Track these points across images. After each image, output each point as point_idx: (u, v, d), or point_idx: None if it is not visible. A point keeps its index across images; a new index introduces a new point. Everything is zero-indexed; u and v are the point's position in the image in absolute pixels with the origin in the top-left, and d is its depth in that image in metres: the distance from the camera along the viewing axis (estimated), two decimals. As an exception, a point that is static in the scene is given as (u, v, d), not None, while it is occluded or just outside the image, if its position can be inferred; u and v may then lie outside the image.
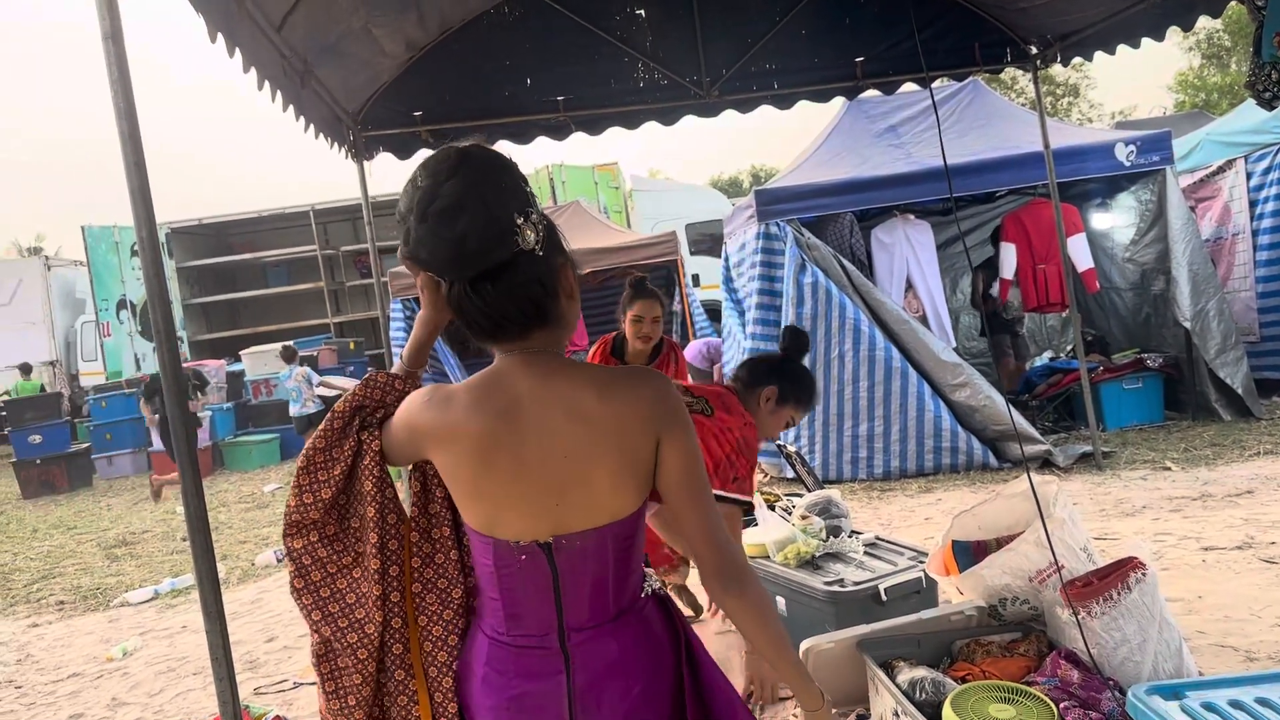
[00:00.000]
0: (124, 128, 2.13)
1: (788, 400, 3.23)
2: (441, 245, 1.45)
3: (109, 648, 5.96)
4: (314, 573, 1.75)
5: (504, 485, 1.56)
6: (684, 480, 1.58)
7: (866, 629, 3.18)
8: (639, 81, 6.02)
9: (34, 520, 11.42)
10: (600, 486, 1.55)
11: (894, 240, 8.33)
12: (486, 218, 1.44)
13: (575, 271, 1.62)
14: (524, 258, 1.48)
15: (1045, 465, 7.18)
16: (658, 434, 1.56)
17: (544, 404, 1.55)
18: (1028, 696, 2.56)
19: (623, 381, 1.58)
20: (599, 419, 1.53)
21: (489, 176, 1.48)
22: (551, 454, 1.54)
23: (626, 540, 1.61)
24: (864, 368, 7.48)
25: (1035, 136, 7.36)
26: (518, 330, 1.54)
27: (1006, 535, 3.24)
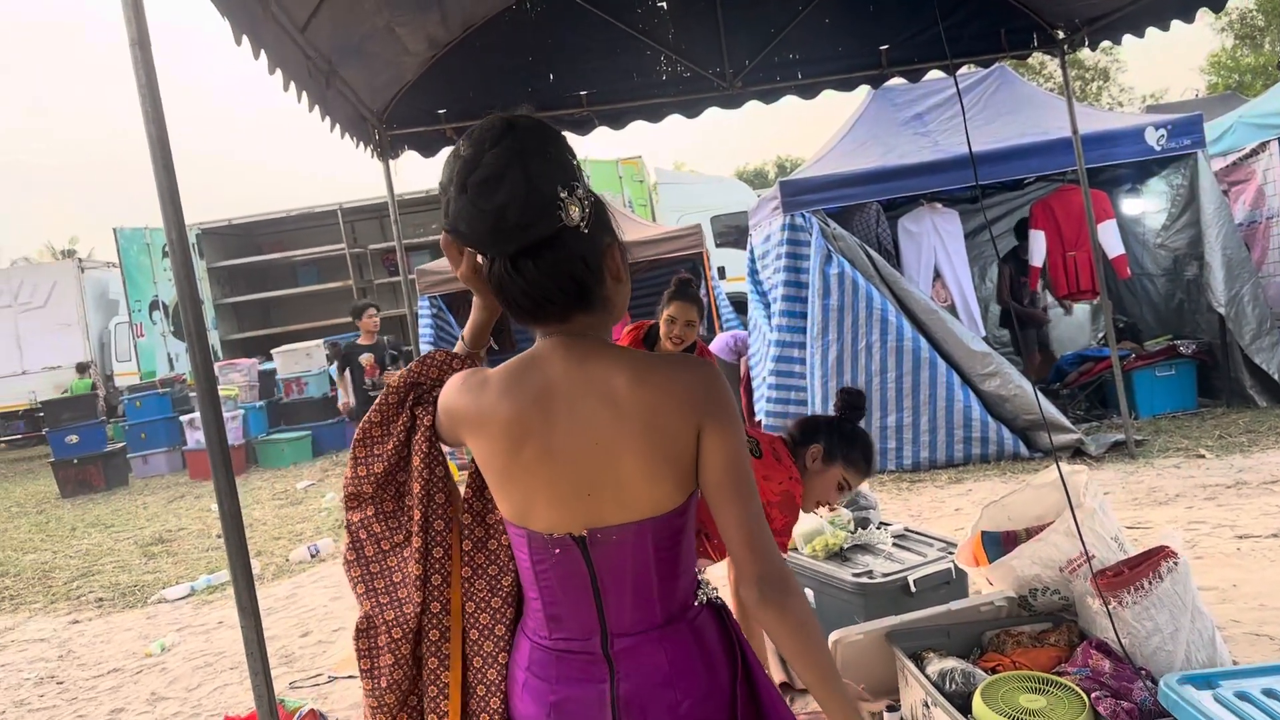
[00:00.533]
0: (153, 132, 2.16)
1: (834, 458, 3.02)
2: (480, 217, 1.39)
3: (147, 643, 6.04)
4: (368, 547, 1.74)
5: (534, 473, 1.50)
6: (725, 476, 1.46)
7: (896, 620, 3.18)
8: (661, 74, 6.02)
9: (72, 519, 11.59)
10: (633, 477, 1.46)
11: (921, 229, 8.28)
12: (528, 189, 1.38)
13: (625, 254, 1.55)
14: (568, 234, 1.41)
15: (1077, 454, 7.13)
16: (698, 423, 1.46)
17: (577, 389, 1.48)
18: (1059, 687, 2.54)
19: (662, 367, 1.48)
20: (631, 405, 1.44)
21: (534, 147, 1.40)
22: (582, 441, 1.46)
23: (670, 538, 1.51)
24: (892, 358, 7.44)
25: (1064, 122, 7.29)
26: (559, 311, 1.48)
27: (1036, 525, 3.23)
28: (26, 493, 14.78)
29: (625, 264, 1.55)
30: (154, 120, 2.17)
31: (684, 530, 1.53)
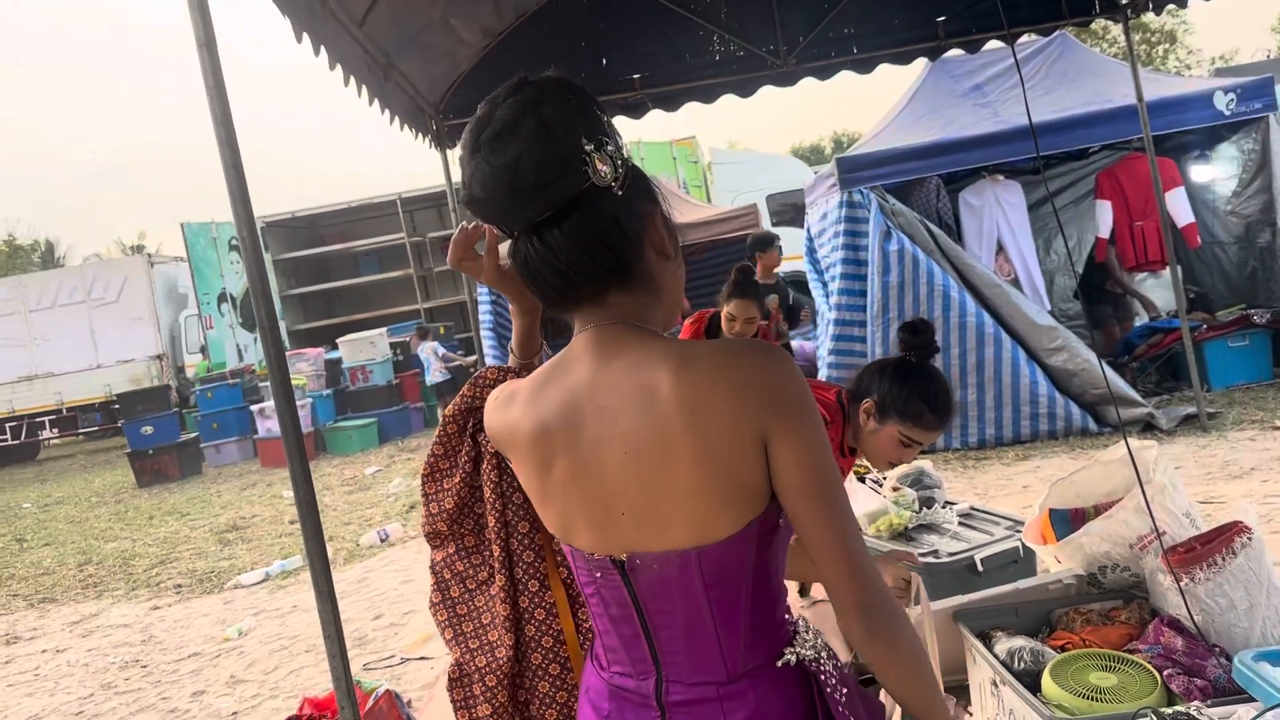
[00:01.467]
0: (221, 133, 2.22)
1: (888, 414, 2.64)
2: (494, 176, 1.20)
3: (225, 628, 6.22)
4: (453, 587, 1.61)
5: (567, 492, 1.30)
6: (807, 487, 1.18)
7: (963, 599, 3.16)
8: (715, 55, 6.00)
9: (149, 508, 11.93)
10: (673, 494, 1.21)
11: (983, 202, 8.16)
12: (545, 138, 1.18)
13: (672, 228, 1.34)
14: (597, 194, 1.21)
15: (1147, 429, 7.00)
16: (762, 426, 1.18)
17: (607, 387, 1.25)
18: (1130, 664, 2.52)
19: (710, 355, 1.21)
20: (671, 403, 1.18)
21: (552, 95, 1.22)
22: (611, 452, 1.23)
23: (728, 576, 1.24)
24: (955, 334, 7.36)
25: (1128, 89, 7.13)
26: (592, 287, 1.26)
27: (1105, 502, 3.18)
28: (105, 483, 15.24)
29: (673, 238, 1.34)
30: (222, 122, 2.23)
31: (749, 566, 1.24)
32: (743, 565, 1.24)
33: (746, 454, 1.19)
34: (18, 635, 7.02)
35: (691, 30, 5.89)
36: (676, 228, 1.36)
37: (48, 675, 5.97)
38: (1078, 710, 2.40)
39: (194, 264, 18.69)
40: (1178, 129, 7.88)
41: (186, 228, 18.74)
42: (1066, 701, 2.44)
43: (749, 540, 1.23)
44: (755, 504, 1.21)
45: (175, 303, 19.92)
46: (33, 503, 14.11)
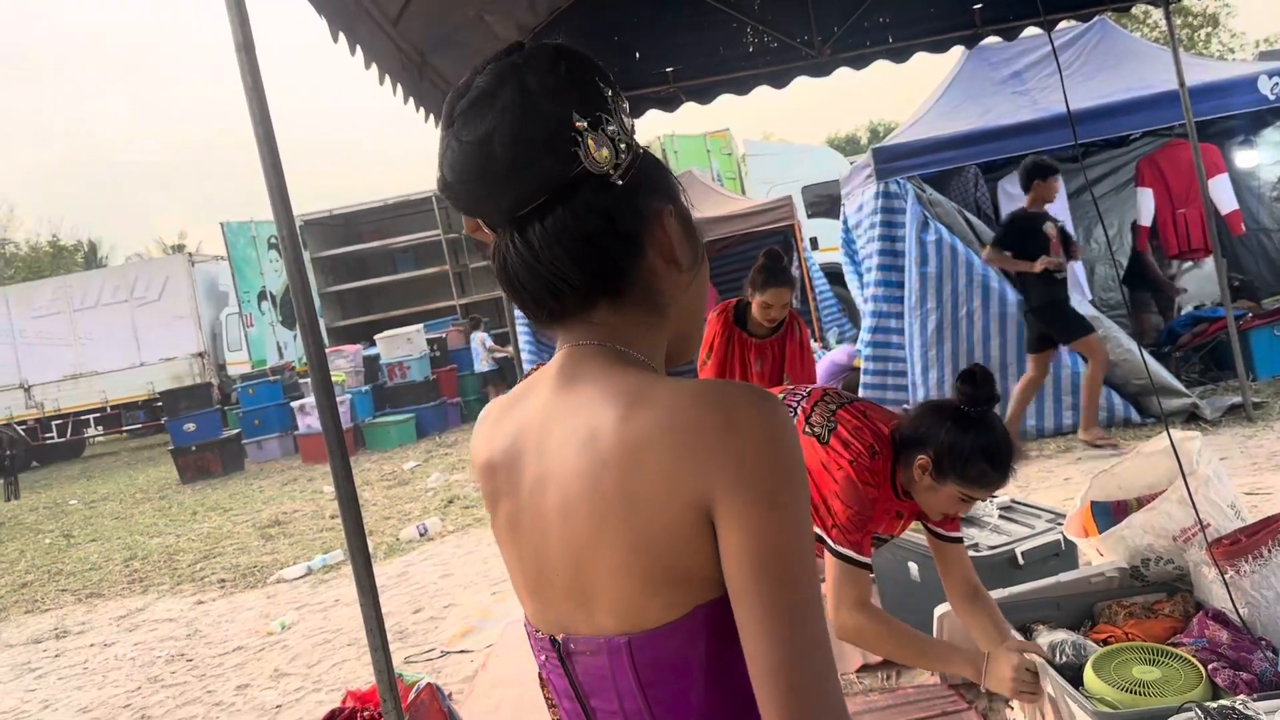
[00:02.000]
0: (260, 133, 2.25)
1: (947, 475, 2.42)
2: (464, 156, 0.99)
3: (268, 622, 6.30)
4: None
5: (507, 543, 1.10)
6: (748, 579, 0.89)
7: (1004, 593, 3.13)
8: (748, 46, 5.98)
9: (193, 504, 12.10)
10: (599, 567, 0.97)
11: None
12: (524, 109, 0.97)
13: (691, 232, 1.10)
14: (591, 184, 0.98)
15: (1192, 419, 6.89)
16: (704, 495, 0.90)
17: (556, 423, 1.03)
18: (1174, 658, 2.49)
19: (666, 398, 0.95)
20: (608, 454, 0.95)
21: (540, 60, 1.00)
22: (548, 502, 1.02)
23: (669, 671, 0.97)
24: (994, 325, 7.29)
25: (1170, 74, 7.02)
26: (577, 299, 1.02)
27: (1148, 494, 3.15)
28: (149, 479, 15.48)
29: (692, 245, 1.09)
30: (261, 121, 2.26)
31: (697, 662, 0.97)
32: (688, 661, 0.96)
33: (685, 530, 0.92)
34: (67, 629, 7.16)
35: (725, 23, 5.88)
36: (701, 231, 1.13)
37: (96, 669, 6.08)
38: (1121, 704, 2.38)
39: (234, 263, 18.92)
40: (1221, 114, 7.75)
41: (226, 227, 18.98)
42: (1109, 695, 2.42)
43: (693, 632, 0.95)
44: (700, 590, 0.94)
45: (216, 301, 20.17)
46: (79, 499, 14.36)
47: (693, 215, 1.12)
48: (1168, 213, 8.08)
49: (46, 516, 13.17)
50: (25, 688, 5.97)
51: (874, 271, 7.90)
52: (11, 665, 6.51)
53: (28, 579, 9.22)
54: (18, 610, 8.07)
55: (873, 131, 58.30)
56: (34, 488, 16.96)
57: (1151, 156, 8.23)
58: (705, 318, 1.18)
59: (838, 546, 2.49)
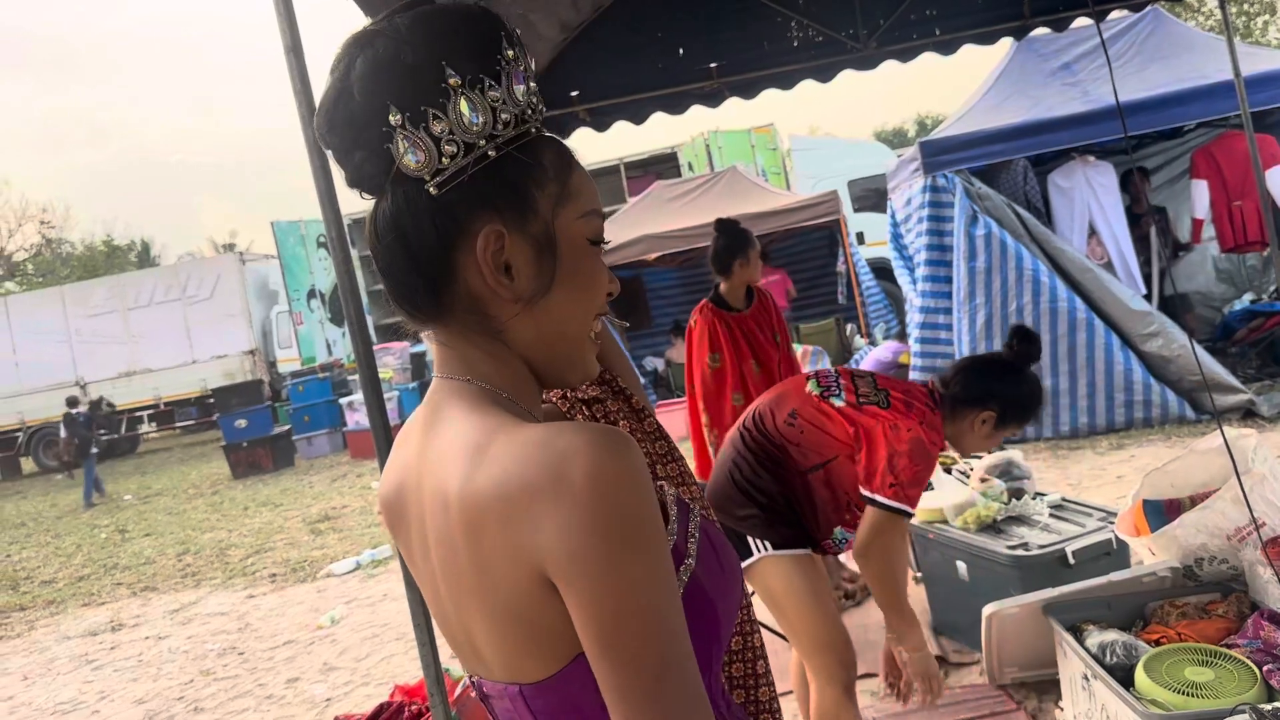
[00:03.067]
0: (309, 135, 2.27)
1: (1008, 423, 2.77)
2: (316, 120, 0.96)
3: (318, 616, 6.38)
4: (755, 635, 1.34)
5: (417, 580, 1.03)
6: (596, 654, 0.83)
7: (1053, 592, 3.10)
8: (793, 41, 5.93)
9: (244, 499, 12.29)
10: (475, 627, 0.93)
11: (1073, 184, 7.95)
12: (340, 91, 0.91)
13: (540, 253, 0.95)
14: (402, 186, 0.91)
15: (1248, 416, 6.76)
16: (539, 565, 0.83)
17: (421, 476, 0.96)
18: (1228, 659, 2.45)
19: (499, 458, 0.86)
20: (456, 523, 0.88)
21: (385, 40, 0.90)
22: (427, 558, 0.96)
23: (571, 716, 0.92)
24: (1045, 320, 7.19)
25: (1225, 64, 6.85)
26: (399, 308, 0.97)
27: (1201, 493, 3.09)
28: (201, 475, 15.75)
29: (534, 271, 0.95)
30: (309, 123, 2.28)
31: (592, 704, 0.88)
32: (583, 707, 0.90)
33: (536, 597, 0.85)
34: (122, 623, 7.31)
35: (769, 17, 5.83)
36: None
37: (150, 661, 6.20)
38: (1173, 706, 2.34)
39: (284, 261, 19.20)
40: (1278, 104, 7.57)
41: (276, 226, 19.26)
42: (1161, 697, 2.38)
43: (578, 679, 0.88)
44: (575, 642, 0.86)
45: (266, 299, 20.47)
46: (133, 495, 14.65)
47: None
48: (1223, 205, 7.91)
49: (102, 512, 13.45)
50: (83, 679, 6.11)
51: (922, 266, 7.83)
52: (70, 657, 6.66)
53: (84, 572, 9.42)
54: (75, 603, 8.25)
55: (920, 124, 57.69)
56: (91, 483, 17.32)
57: (1206, 148, 8.06)
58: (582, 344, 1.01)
59: (893, 502, 2.60)
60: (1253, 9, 30.25)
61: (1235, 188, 7.80)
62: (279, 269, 19.44)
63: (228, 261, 20.93)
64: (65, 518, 13.49)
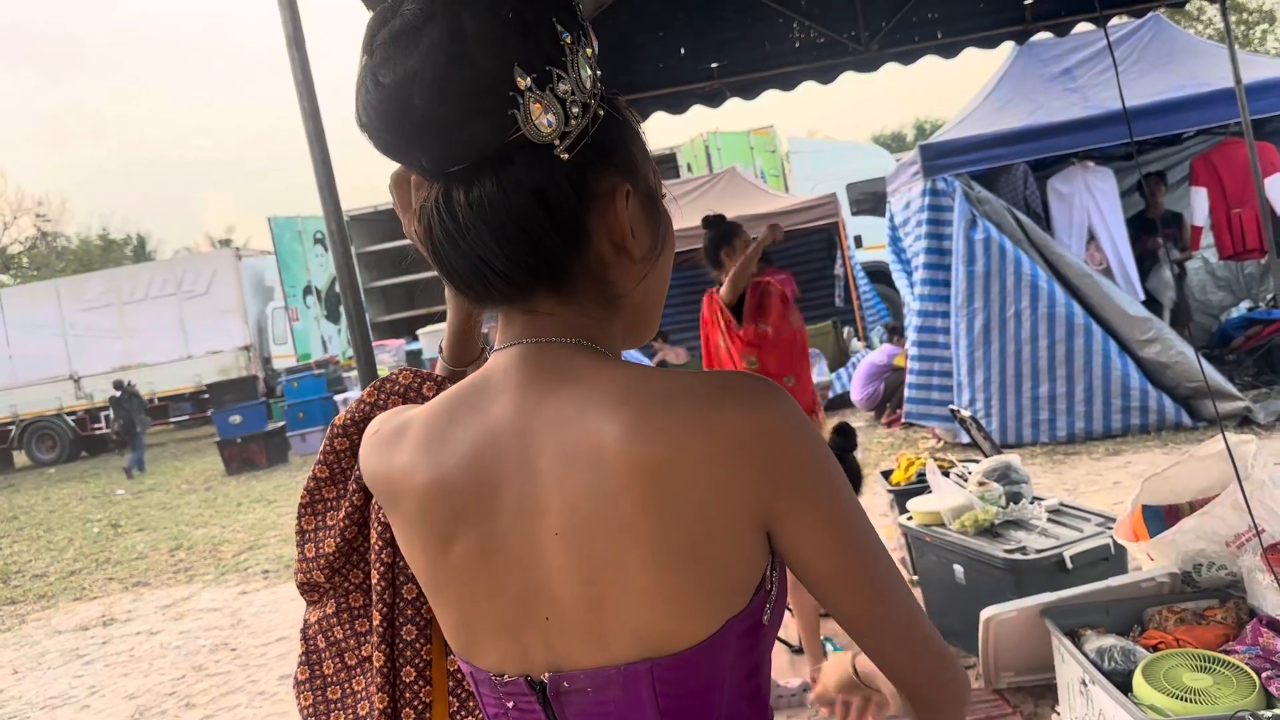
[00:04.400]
0: (310, 128, 2.26)
1: None
2: (380, 100, 0.84)
3: (311, 613, 6.36)
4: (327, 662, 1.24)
5: (470, 582, 0.93)
6: (842, 568, 0.88)
7: (1051, 597, 3.09)
8: (794, 42, 5.93)
9: (238, 495, 12.26)
10: (620, 593, 0.86)
11: (1072, 189, 7.95)
12: (455, 58, 0.81)
13: (652, 212, 0.96)
14: (527, 154, 0.84)
15: (1245, 423, 6.76)
16: (764, 506, 0.85)
17: (533, 436, 0.89)
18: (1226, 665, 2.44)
19: (683, 400, 0.85)
20: (623, 467, 0.84)
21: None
22: (538, 527, 0.88)
23: (695, 694, 0.88)
24: (1043, 325, 7.19)
25: (1225, 71, 6.87)
26: (504, 285, 0.89)
27: (1200, 498, 3.09)
28: (194, 470, 15.71)
29: (652, 231, 0.96)
30: (310, 116, 2.27)
31: (722, 682, 0.89)
32: (715, 681, 0.89)
33: (734, 542, 0.85)
34: (114, 617, 7.28)
35: (771, 18, 5.83)
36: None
37: (142, 656, 6.17)
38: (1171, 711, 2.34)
39: (280, 257, 19.16)
40: (1278, 112, 7.58)
41: (273, 222, 19.22)
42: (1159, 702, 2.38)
43: (724, 647, 0.88)
44: (736, 601, 0.87)
45: (262, 295, 20.43)
46: (126, 489, 14.61)
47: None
48: (1222, 212, 7.92)
49: (95, 506, 13.42)
50: (74, 674, 6.08)
51: (920, 270, 7.83)
52: (61, 651, 6.63)
53: (76, 567, 9.39)
54: (66, 598, 8.22)
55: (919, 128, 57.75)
56: (82, 477, 17.27)
57: (1206, 155, 8.08)
58: (660, 307, 1.03)
59: None
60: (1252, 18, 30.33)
61: (1234, 195, 7.81)
62: (275, 265, 19.40)
63: (224, 257, 20.89)
64: (57, 512, 13.45)
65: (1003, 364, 7.31)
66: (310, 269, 20.00)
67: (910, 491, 4.67)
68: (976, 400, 7.42)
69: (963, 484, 4.30)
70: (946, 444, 7.73)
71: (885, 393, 9.21)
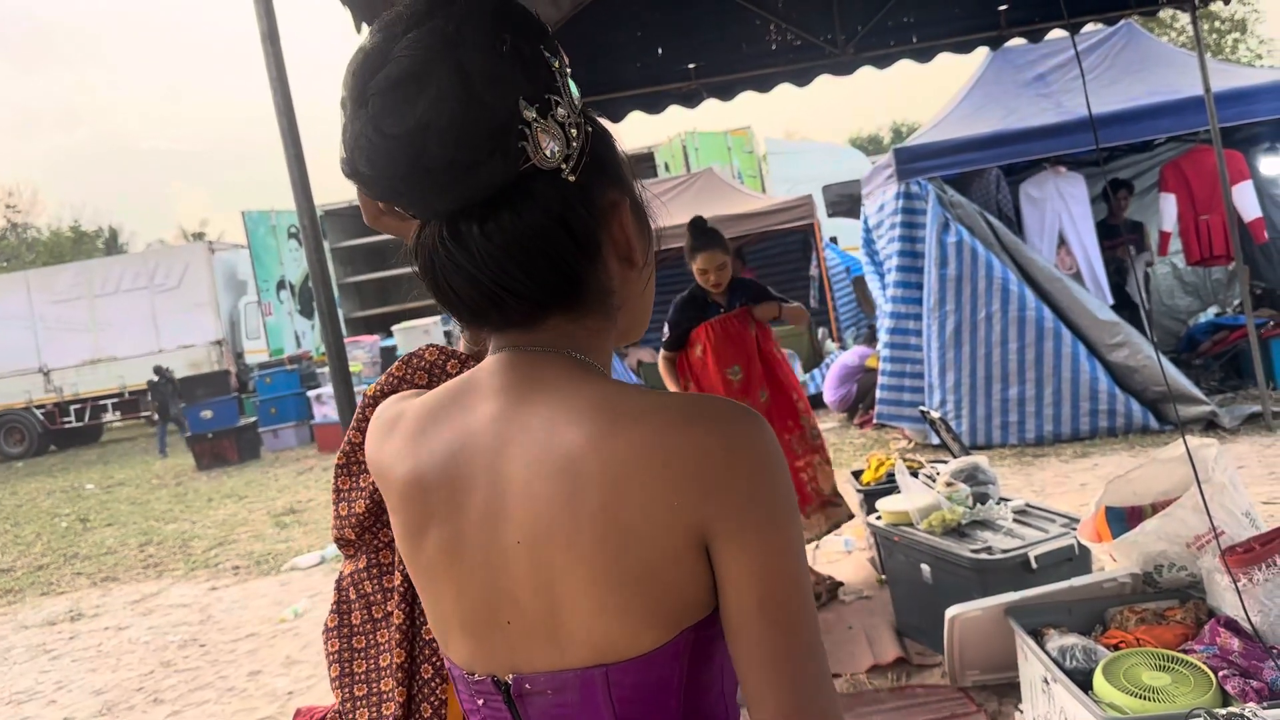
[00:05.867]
0: (283, 124, 2.26)
1: None
2: (390, 150, 0.85)
3: (281, 609, 6.33)
4: (355, 612, 1.31)
5: (439, 577, 0.96)
6: (755, 609, 0.86)
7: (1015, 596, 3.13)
8: (771, 44, 5.98)
9: (208, 490, 12.18)
10: (576, 599, 0.88)
11: (1044, 194, 8.04)
12: (466, 102, 0.83)
13: (642, 220, 1.00)
14: (539, 183, 0.87)
15: (1210, 427, 6.85)
16: (698, 523, 0.86)
17: (505, 442, 0.92)
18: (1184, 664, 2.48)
19: (650, 417, 0.87)
20: (586, 478, 0.86)
21: (475, 29, 0.85)
22: (504, 532, 0.91)
23: (650, 699, 0.90)
24: (1013, 329, 7.26)
25: (1196, 79, 6.97)
26: (523, 310, 0.92)
27: (1163, 500, 3.14)
28: (165, 466, 15.58)
29: (644, 238, 0.99)
30: (284, 112, 2.27)
31: (677, 687, 0.91)
32: (670, 684, 0.90)
33: (678, 560, 0.87)
34: (81, 612, 7.22)
35: (748, 19, 5.87)
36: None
37: (110, 652, 6.13)
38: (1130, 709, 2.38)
39: (254, 251, 19.04)
40: (1246, 120, 7.68)
41: (247, 216, 19.10)
42: (1119, 700, 2.42)
43: (677, 654, 0.90)
44: (691, 614, 0.89)
45: (235, 289, 20.29)
46: (95, 484, 14.47)
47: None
48: (1190, 219, 8.03)
49: (63, 500, 13.29)
50: (40, 669, 6.03)
51: (893, 273, 7.88)
52: (27, 646, 6.57)
53: (44, 561, 9.30)
54: (34, 592, 8.14)
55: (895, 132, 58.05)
56: (51, 471, 17.10)
57: (1175, 162, 8.18)
58: (651, 306, 1.07)
59: None
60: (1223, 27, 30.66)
61: (1203, 202, 7.91)
62: (248, 259, 19.27)
63: (196, 250, 20.71)
64: (25, 506, 13.32)
65: (973, 366, 7.38)
66: (284, 263, 19.88)
67: (879, 491, 4.71)
68: (947, 402, 7.48)
69: (931, 484, 4.34)
70: (917, 445, 7.79)
71: (858, 394, 9.27)
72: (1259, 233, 7.92)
